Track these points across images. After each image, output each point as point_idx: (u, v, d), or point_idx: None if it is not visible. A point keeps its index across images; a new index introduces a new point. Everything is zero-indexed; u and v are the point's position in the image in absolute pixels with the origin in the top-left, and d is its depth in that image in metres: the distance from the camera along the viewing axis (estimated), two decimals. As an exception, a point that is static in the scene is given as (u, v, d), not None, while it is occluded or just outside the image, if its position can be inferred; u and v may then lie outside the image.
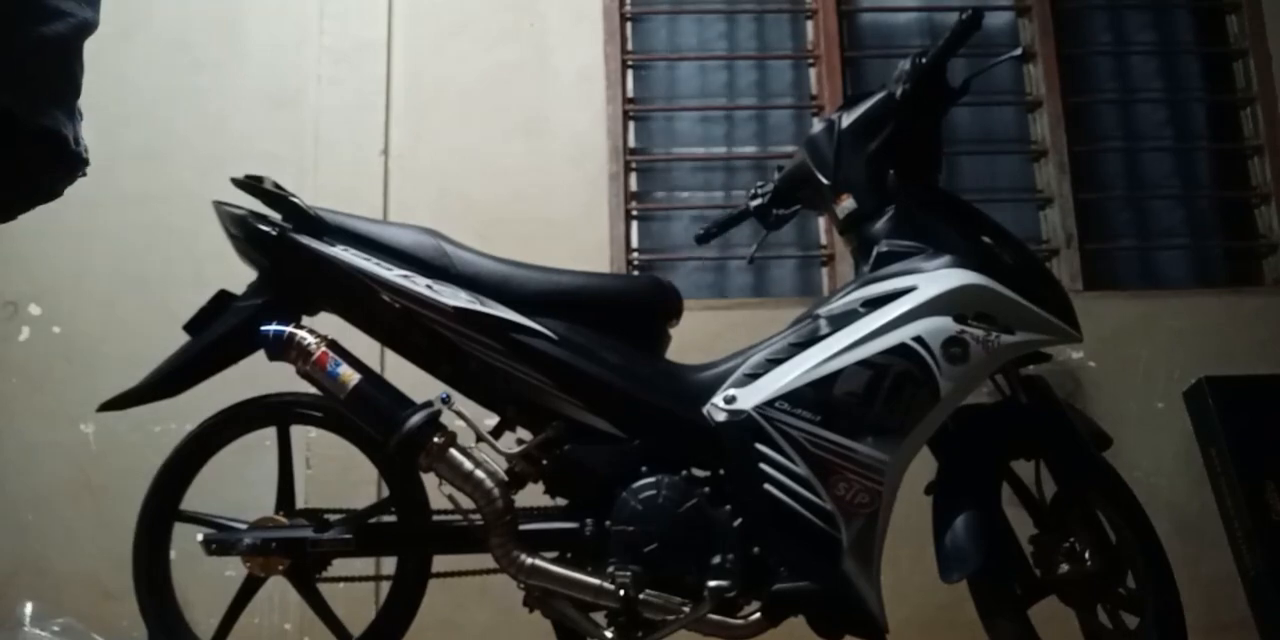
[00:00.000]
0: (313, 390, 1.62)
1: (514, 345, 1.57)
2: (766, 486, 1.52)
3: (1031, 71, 3.06)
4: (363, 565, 1.75)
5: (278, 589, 1.72)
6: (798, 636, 1.57)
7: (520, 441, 1.63)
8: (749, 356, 1.62)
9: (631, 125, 3.03)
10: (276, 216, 1.64)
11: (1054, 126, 2.98)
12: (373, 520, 1.65)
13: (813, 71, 3.10)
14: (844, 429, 1.52)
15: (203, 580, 1.92)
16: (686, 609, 1.50)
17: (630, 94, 3.04)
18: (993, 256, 1.61)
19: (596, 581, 1.51)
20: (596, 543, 1.55)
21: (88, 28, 1.21)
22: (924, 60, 1.65)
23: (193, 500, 1.70)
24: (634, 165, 3.01)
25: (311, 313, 1.68)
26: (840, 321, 1.58)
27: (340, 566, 1.68)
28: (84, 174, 1.29)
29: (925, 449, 1.61)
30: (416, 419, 1.54)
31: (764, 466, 1.53)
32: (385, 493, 1.69)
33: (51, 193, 1.28)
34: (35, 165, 1.21)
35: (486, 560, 1.57)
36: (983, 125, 3.10)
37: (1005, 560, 1.60)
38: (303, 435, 2.34)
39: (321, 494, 2.33)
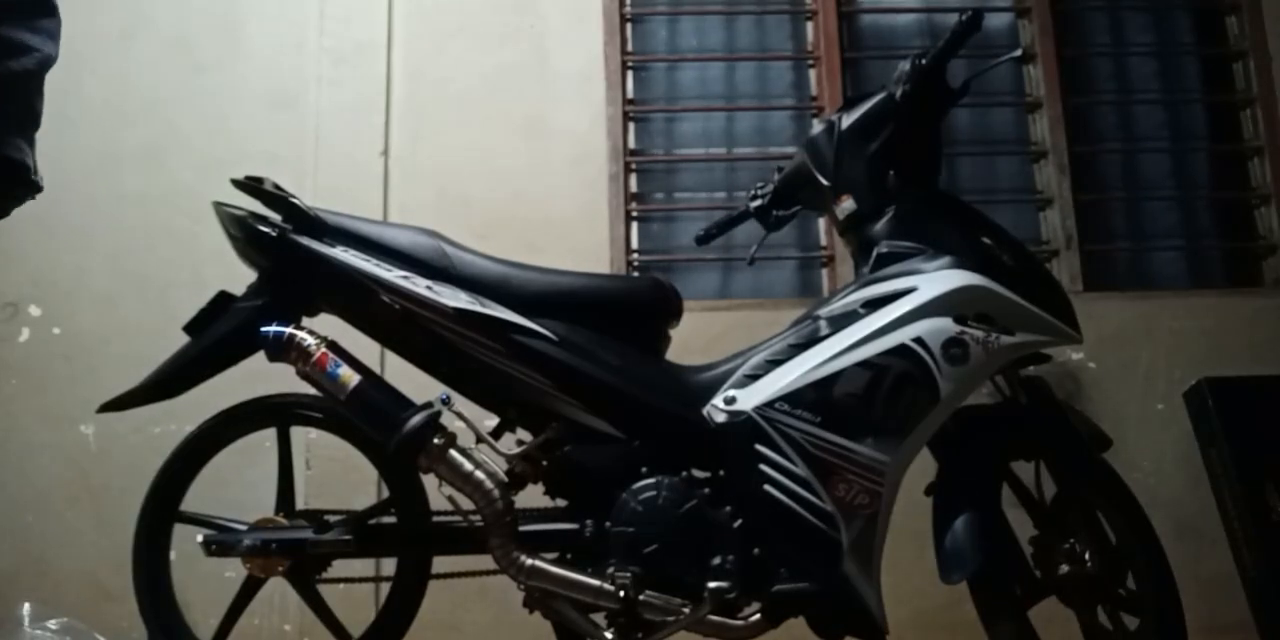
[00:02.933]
0: (313, 391, 1.62)
1: (514, 346, 1.57)
2: (766, 487, 1.52)
3: (1031, 73, 3.06)
4: (363, 566, 1.75)
5: (278, 590, 1.73)
6: (797, 637, 1.57)
7: (520, 442, 1.63)
8: (749, 357, 1.62)
9: (631, 126, 3.03)
10: (276, 217, 1.64)
11: (1054, 127, 2.98)
12: (373, 521, 1.65)
13: (813, 72, 3.10)
14: (844, 430, 1.52)
15: (203, 581, 1.92)
16: (686, 610, 1.50)
17: (630, 95, 3.04)
18: (993, 257, 1.61)
19: (596, 582, 1.51)
20: (596, 544, 1.55)
21: (49, 62, 1.26)
22: (924, 61, 1.65)
23: (193, 501, 1.70)
24: (634, 166, 3.01)
25: (311, 314, 1.68)
26: (840, 322, 1.58)
27: (340, 567, 1.68)
28: (33, 198, 1.32)
29: (925, 450, 1.61)
30: (416, 420, 1.54)
31: (764, 467, 1.53)
32: (385, 494, 1.69)
33: (2, 213, 1.30)
34: None
35: (486, 561, 1.57)
36: (982, 126, 3.10)
37: (1005, 561, 1.60)
38: (303, 436, 2.34)
39: (321, 495, 2.33)
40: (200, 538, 1.63)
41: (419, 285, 1.58)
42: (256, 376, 1.66)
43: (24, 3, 1.21)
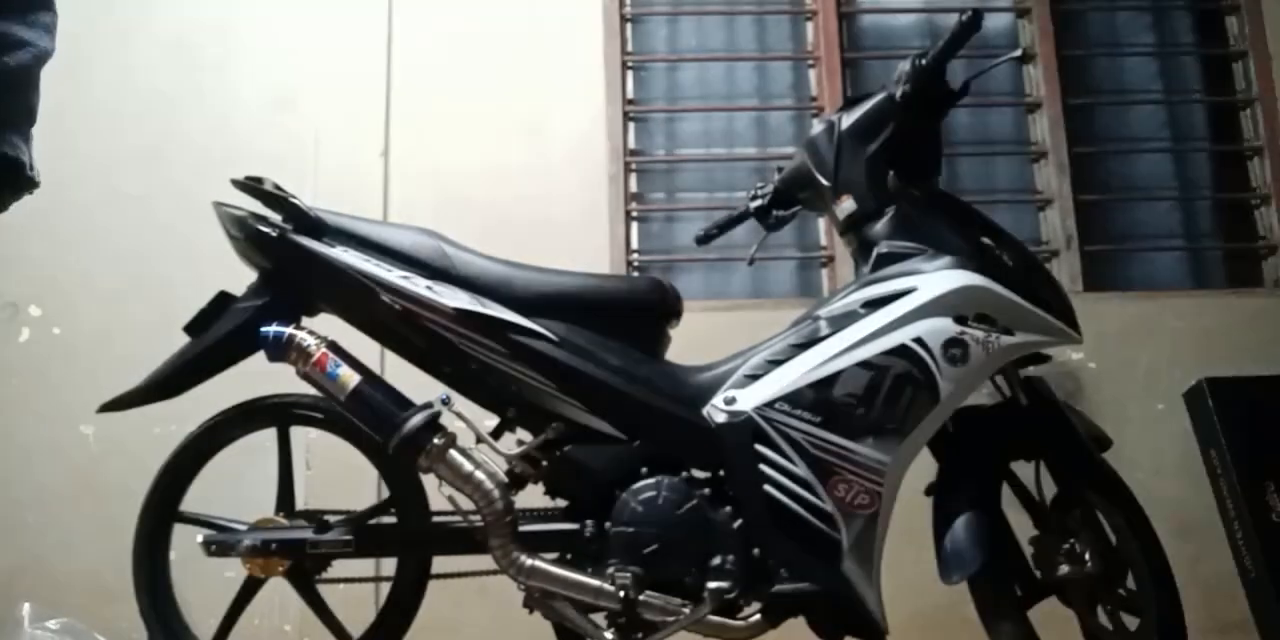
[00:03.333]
0: (313, 391, 1.62)
1: (514, 346, 1.57)
2: (766, 488, 1.52)
3: (1031, 73, 3.06)
4: (362, 566, 1.75)
5: (277, 590, 1.72)
6: (797, 637, 1.57)
7: (520, 443, 1.63)
8: (749, 358, 1.62)
9: (631, 126, 3.03)
10: (276, 217, 1.64)
11: (1054, 128, 2.98)
12: (372, 521, 1.65)
13: (812, 73, 3.10)
14: (844, 430, 1.52)
15: (203, 581, 1.91)
16: (686, 610, 1.50)
17: (630, 95, 3.04)
18: (993, 258, 1.61)
19: (596, 583, 1.51)
20: (596, 544, 1.55)
21: (46, 56, 1.23)
22: (924, 62, 1.65)
23: (193, 501, 1.70)
24: (634, 166, 3.01)
25: (311, 314, 1.68)
26: (840, 323, 1.58)
27: (340, 568, 1.68)
28: (30, 194, 1.30)
29: (926, 450, 1.61)
30: (416, 420, 1.54)
31: (764, 468, 1.53)
32: (385, 494, 1.69)
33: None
34: None
35: (486, 561, 1.57)
36: (982, 126, 3.10)
37: (1005, 561, 1.60)
38: (303, 436, 2.33)
39: (321, 495, 2.32)
40: (200, 538, 1.63)
41: (419, 285, 1.58)
42: (256, 376, 1.66)
43: None
